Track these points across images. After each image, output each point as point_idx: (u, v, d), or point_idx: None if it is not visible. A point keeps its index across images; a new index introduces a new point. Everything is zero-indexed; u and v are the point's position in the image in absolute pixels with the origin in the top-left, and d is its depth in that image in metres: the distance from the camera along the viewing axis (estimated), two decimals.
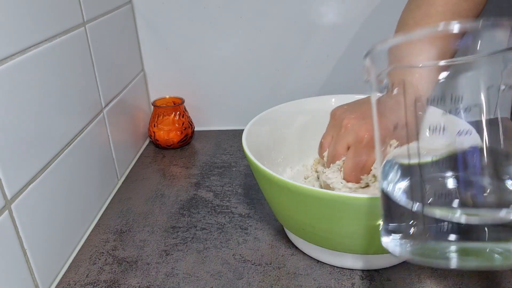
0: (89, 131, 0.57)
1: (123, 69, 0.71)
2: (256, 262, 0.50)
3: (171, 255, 0.52)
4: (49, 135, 0.48)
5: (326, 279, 0.47)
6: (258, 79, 0.80)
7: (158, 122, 0.76)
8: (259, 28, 0.76)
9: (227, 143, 0.79)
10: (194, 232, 0.56)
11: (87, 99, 0.57)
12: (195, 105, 0.83)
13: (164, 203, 0.62)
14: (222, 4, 0.75)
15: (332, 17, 0.75)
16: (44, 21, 0.47)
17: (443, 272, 0.48)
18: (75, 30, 0.54)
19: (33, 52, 0.45)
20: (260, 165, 0.45)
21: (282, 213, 0.48)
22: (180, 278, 0.48)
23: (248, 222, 0.57)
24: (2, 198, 0.40)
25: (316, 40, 0.77)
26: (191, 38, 0.77)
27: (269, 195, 0.49)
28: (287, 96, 0.79)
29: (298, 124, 0.61)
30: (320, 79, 0.80)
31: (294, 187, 0.42)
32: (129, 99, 0.72)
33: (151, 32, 0.77)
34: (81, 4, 0.56)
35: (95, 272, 0.50)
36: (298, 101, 0.62)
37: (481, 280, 0.46)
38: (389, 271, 0.48)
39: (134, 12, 0.76)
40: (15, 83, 0.42)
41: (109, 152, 0.64)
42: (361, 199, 0.40)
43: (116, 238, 0.56)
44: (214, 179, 0.68)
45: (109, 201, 0.63)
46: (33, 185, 0.45)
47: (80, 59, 0.56)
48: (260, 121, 0.57)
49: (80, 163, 0.55)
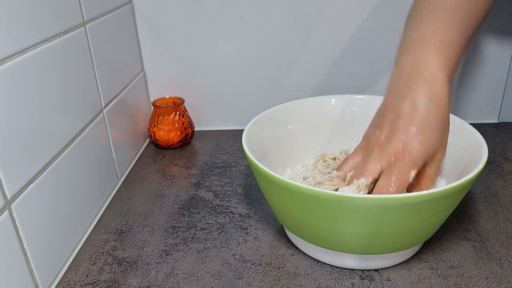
0: (89, 131, 0.57)
1: (123, 69, 0.71)
2: (256, 262, 0.50)
3: (171, 255, 0.52)
4: (49, 135, 0.48)
5: (326, 279, 0.47)
6: (258, 79, 0.80)
7: (158, 122, 0.76)
8: (259, 28, 0.76)
9: (227, 143, 0.79)
10: (194, 232, 0.56)
11: (87, 99, 0.57)
12: (195, 105, 0.83)
13: (164, 203, 0.62)
14: (222, 4, 0.75)
15: (332, 17, 0.75)
16: (44, 21, 0.47)
17: (443, 272, 0.48)
18: (75, 30, 0.54)
19: (33, 52, 0.45)
20: (260, 165, 0.45)
21: (282, 213, 0.48)
22: (180, 278, 0.48)
23: (248, 222, 0.57)
24: (2, 198, 0.40)
25: (316, 40, 0.77)
26: (191, 38, 0.77)
27: (269, 195, 0.49)
28: (287, 96, 0.79)
29: (298, 124, 0.61)
30: (320, 79, 0.80)
31: (294, 187, 0.42)
32: (129, 99, 0.72)
33: (151, 32, 0.77)
34: (81, 4, 0.56)
35: (95, 272, 0.50)
36: (298, 101, 0.62)
37: (481, 280, 0.46)
38: (389, 271, 0.48)
39: (134, 12, 0.76)
40: (15, 83, 0.42)
41: (109, 152, 0.64)
42: (361, 199, 0.40)
43: (116, 238, 0.56)
44: (214, 179, 0.68)
45: (109, 201, 0.63)
46: (33, 185, 0.45)
47: (80, 59, 0.56)
48: (260, 121, 0.57)
49: (80, 163, 0.55)
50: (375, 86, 0.80)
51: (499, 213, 0.57)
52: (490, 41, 0.76)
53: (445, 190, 0.40)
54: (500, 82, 0.79)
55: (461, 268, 0.48)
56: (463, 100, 0.81)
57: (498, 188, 0.62)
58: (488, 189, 0.62)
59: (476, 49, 0.76)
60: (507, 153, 0.71)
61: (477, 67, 0.78)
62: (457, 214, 0.56)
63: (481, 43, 0.76)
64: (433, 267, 0.48)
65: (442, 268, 0.48)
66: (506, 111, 0.81)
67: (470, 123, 0.53)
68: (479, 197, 0.60)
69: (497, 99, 0.80)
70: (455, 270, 0.48)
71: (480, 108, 0.81)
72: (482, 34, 0.75)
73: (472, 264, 0.49)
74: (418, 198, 0.40)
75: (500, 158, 0.70)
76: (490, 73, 0.78)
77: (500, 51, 0.76)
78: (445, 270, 0.48)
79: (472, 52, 0.77)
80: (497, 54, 0.77)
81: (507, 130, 0.79)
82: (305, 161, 0.62)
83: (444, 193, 0.41)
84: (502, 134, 0.77)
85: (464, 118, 0.54)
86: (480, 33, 0.75)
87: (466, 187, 0.42)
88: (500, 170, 0.66)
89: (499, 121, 0.82)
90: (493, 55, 0.77)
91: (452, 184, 0.41)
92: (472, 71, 0.78)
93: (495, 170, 0.66)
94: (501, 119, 0.82)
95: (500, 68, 0.78)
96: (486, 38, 0.76)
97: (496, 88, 0.79)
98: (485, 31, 0.75)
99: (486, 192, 0.61)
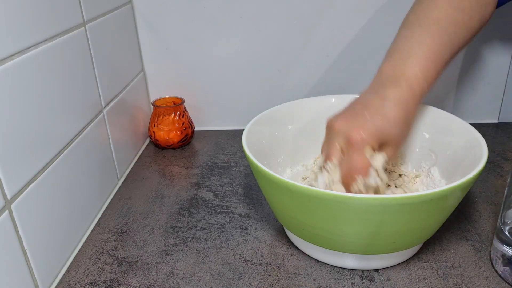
0: (89, 131, 0.57)
1: (123, 69, 0.71)
2: (256, 262, 0.50)
3: (171, 255, 0.52)
4: (49, 135, 0.48)
5: (326, 279, 0.47)
6: (258, 79, 0.80)
7: (158, 122, 0.76)
8: (259, 28, 0.76)
9: (227, 143, 0.79)
10: (194, 232, 0.56)
11: (87, 99, 0.57)
12: (195, 105, 0.83)
13: (164, 203, 0.62)
14: (222, 4, 0.75)
15: (332, 17, 0.75)
16: (44, 21, 0.47)
17: (443, 272, 0.48)
18: (75, 30, 0.54)
19: (33, 52, 0.45)
20: (260, 165, 0.45)
21: (282, 213, 0.48)
22: (180, 278, 0.48)
23: (248, 222, 0.57)
24: (2, 198, 0.40)
25: (316, 40, 0.77)
26: (191, 38, 0.77)
27: (269, 195, 0.49)
28: (287, 96, 0.79)
29: (298, 124, 0.61)
30: (320, 79, 0.80)
31: (294, 187, 0.42)
32: (129, 99, 0.72)
33: (151, 32, 0.77)
34: (81, 4, 0.56)
35: (95, 272, 0.50)
36: (298, 101, 0.62)
37: (481, 280, 0.46)
38: (389, 271, 0.48)
39: (134, 12, 0.76)
40: (15, 83, 0.42)
41: (109, 152, 0.64)
42: (361, 199, 0.40)
43: (116, 238, 0.56)
44: (214, 179, 0.68)
45: (109, 201, 0.63)
46: (33, 185, 0.45)
47: (80, 59, 0.56)
48: (260, 121, 0.57)
49: (80, 163, 0.55)
50: None
51: (499, 213, 0.57)
52: (491, 41, 0.76)
53: (445, 190, 0.40)
54: (500, 82, 0.79)
55: (461, 268, 0.48)
56: (463, 100, 0.81)
57: (498, 188, 0.62)
58: (488, 189, 0.62)
59: (476, 50, 0.76)
60: (507, 153, 0.71)
61: (477, 67, 0.78)
62: (457, 214, 0.56)
63: (481, 44, 0.76)
64: (433, 267, 0.48)
65: (442, 268, 0.48)
66: (506, 111, 0.81)
67: (470, 123, 0.53)
68: (479, 197, 0.60)
69: (497, 99, 0.80)
70: (455, 270, 0.48)
71: (480, 108, 0.81)
72: (483, 34, 0.75)
73: (472, 264, 0.49)
74: (418, 198, 0.40)
75: (500, 158, 0.70)
76: (490, 73, 0.78)
77: (500, 52, 0.76)
78: (445, 270, 0.48)
79: (472, 53, 0.77)
80: (497, 55, 0.77)
81: (507, 130, 0.79)
82: (305, 161, 0.62)
83: (444, 193, 0.41)
84: (502, 134, 0.77)
85: (464, 118, 0.54)
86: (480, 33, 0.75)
87: (466, 187, 0.42)
88: (500, 170, 0.66)
89: (499, 121, 0.82)
90: (493, 56, 0.77)
91: (452, 184, 0.41)
92: (472, 71, 0.78)
93: (495, 170, 0.66)
94: (501, 119, 0.82)
95: (500, 68, 0.78)
96: (486, 39, 0.76)
97: (496, 88, 0.79)
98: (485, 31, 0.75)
99: (486, 192, 0.61)
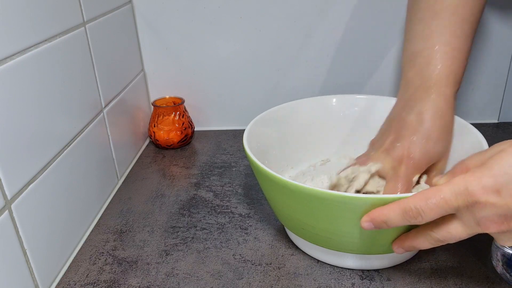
0: (89, 131, 0.57)
1: (123, 69, 0.71)
2: (256, 262, 0.50)
3: (171, 255, 0.52)
4: (49, 135, 0.48)
5: (326, 279, 0.47)
6: (258, 79, 0.80)
7: (158, 122, 0.76)
8: (259, 28, 0.76)
9: (227, 143, 0.79)
10: (194, 232, 0.56)
11: (87, 99, 0.57)
12: (195, 105, 0.82)
13: (164, 203, 0.62)
14: (222, 4, 0.75)
15: (332, 17, 0.75)
16: (44, 21, 0.47)
17: (443, 272, 0.48)
18: (75, 30, 0.54)
19: (33, 52, 0.45)
20: (261, 165, 0.45)
21: (282, 213, 0.48)
22: (180, 278, 0.48)
23: (248, 222, 0.57)
24: (2, 198, 0.40)
25: (316, 40, 0.77)
26: (191, 38, 0.77)
27: (270, 195, 0.49)
28: (287, 96, 0.79)
29: (298, 124, 0.61)
30: (320, 78, 0.80)
31: (295, 187, 0.42)
32: (129, 99, 0.72)
33: (151, 32, 0.77)
34: (81, 4, 0.56)
35: (95, 272, 0.50)
36: (298, 101, 0.62)
37: (481, 280, 0.46)
38: (389, 271, 0.48)
39: (134, 12, 0.76)
40: (15, 83, 0.42)
41: (109, 152, 0.64)
42: (361, 199, 0.40)
43: (116, 238, 0.56)
44: (214, 179, 0.68)
45: (109, 201, 0.63)
46: (33, 185, 0.45)
47: (80, 59, 0.56)
48: (261, 121, 0.57)
49: (80, 163, 0.55)
50: (375, 86, 0.79)
51: None
52: (490, 41, 0.76)
53: None
54: (500, 82, 0.79)
55: (461, 268, 0.48)
56: (463, 100, 0.81)
57: None
58: None
59: (476, 49, 0.76)
60: None
61: (477, 67, 0.78)
62: None
63: (481, 43, 0.76)
64: (433, 267, 0.48)
65: (442, 268, 0.48)
66: (506, 111, 0.81)
67: (470, 123, 0.52)
68: None
69: (497, 99, 0.80)
70: (455, 270, 0.48)
71: (480, 108, 0.81)
72: (482, 34, 0.75)
73: (472, 264, 0.49)
74: None
75: None
76: (490, 73, 0.78)
77: (500, 52, 0.76)
78: (445, 270, 0.48)
79: (473, 52, 0.77)
80: (497, 54, 0.76)
81: (507, 130, 0.79)
82: (306, 161, 0.62)
83: None
84: (502, 134, 0.77)
85: (464, 118, 0.54)
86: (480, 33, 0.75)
87: None
88: None
89: (499, 121, 0.82)
90: (493, 55, 0.77)
91: None
92: (472, 71, 0.78)
93: None
94: (501, 119, 0.82)
95: (500, 68, 0.78)
96: (486, 39, 0.76)
97: (496, 88, 0.79)
98: (485, 31, 0.75)
99: None
